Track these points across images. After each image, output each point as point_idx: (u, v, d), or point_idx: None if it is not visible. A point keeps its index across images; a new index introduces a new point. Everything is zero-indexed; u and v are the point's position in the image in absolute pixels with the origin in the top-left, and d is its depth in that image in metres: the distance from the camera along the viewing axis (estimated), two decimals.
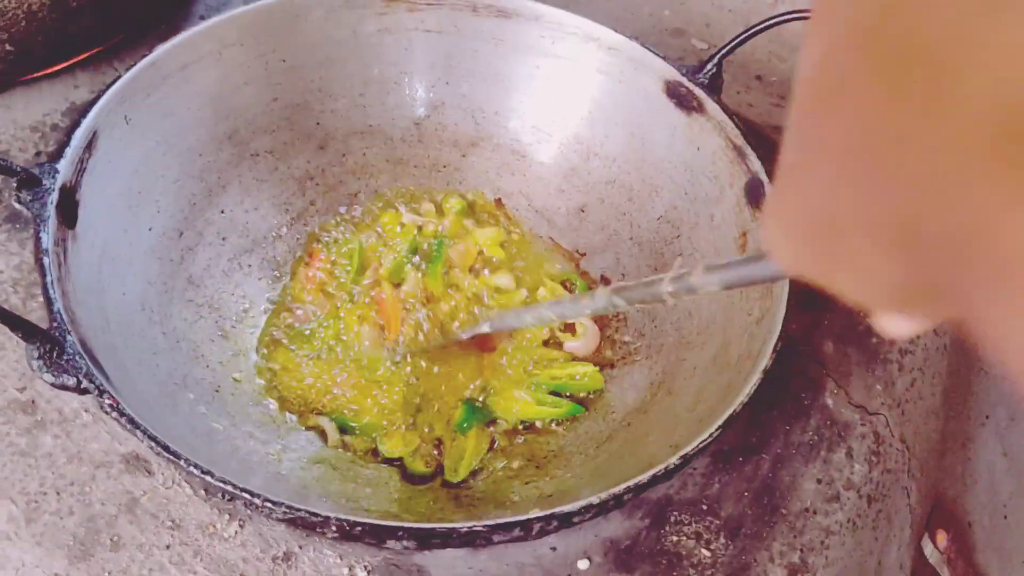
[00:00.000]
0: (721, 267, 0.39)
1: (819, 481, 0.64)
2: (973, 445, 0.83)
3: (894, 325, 0.27)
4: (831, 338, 0.71)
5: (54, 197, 0.56)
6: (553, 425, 0.67)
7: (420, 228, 0.76)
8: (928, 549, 0.80)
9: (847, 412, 0.67)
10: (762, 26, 0.68)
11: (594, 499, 0.49)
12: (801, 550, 0.60)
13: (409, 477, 0.64)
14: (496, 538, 0.49)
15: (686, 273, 0.42)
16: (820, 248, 0.25)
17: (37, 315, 0.64)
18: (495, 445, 0.66)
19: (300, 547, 0.57)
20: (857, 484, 0.64)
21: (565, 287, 0.75)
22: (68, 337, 0.50)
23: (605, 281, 0.75)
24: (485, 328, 0.65)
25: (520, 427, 0.67)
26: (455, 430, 0.66)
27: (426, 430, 0.66)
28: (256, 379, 0.67)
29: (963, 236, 0.20)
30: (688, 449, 0.51)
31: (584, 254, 0.76)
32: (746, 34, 0.69)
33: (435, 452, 0.65)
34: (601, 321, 0.73)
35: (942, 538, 0.81)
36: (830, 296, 0.26)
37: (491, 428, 0.67)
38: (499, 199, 0.79)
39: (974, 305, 0.20)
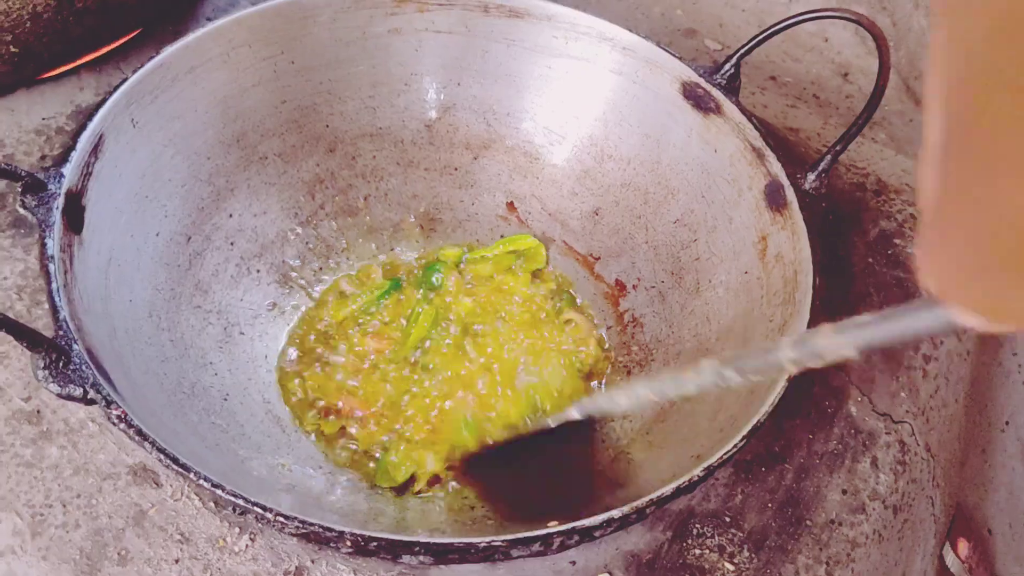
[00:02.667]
0: (857, 326, 0.34)
1: (844, 492, 0.62)
2: (993, 452, 0.82)
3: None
4: None
5: (60, 202, 0.55)
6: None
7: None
8: (949, 558, 0.79)
9: (871, 420, 0.66)
10: (781, 26, 0.67)
11: (616, 512, 0.48)
12: (827, 563, 0.59)
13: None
14: (515, 553, 0.48)
15: (809, 335, 0.38)
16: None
17: (43, 323, 0.63)
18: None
19: (312, 561, 0.55)
20: (883, 494, 0.63)
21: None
22: (74, 346, 0.49)
23: (620, 286, 0.73)
24: (574, 415, 0.60)
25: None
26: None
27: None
28: (270, 388, 0.66)
29: None
30: (712, 460, 0.50)
31: (598, 258, 0.75)
32: (765, 34, 0.68)
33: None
34: (618, 325, 0.71)
35: (963, 547, 0.80)
36: (854, 302, 0.24)
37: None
38: (511, 202, 0.78)
39: None
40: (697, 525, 0.59)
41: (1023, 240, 0.20)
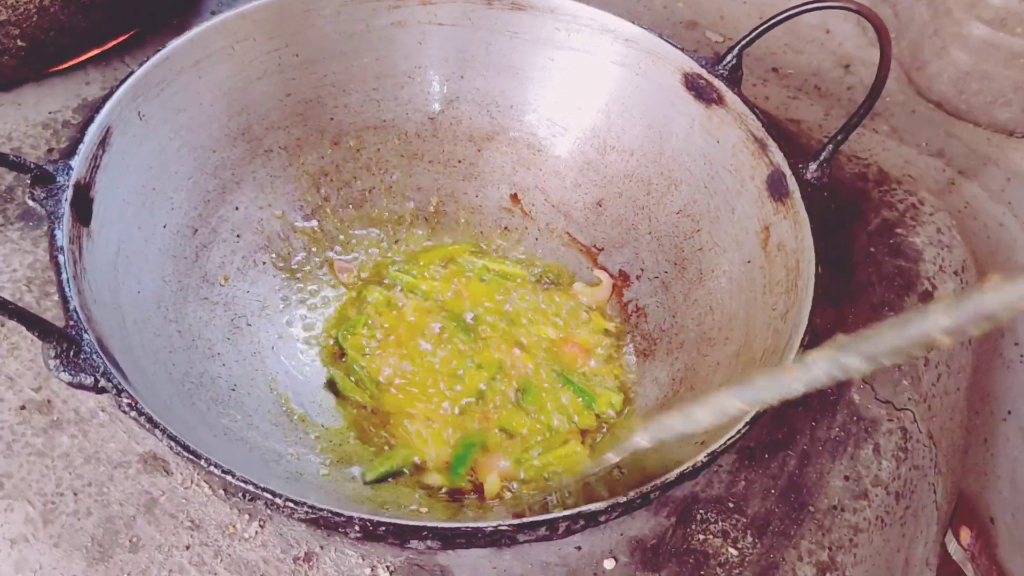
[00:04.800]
0: None
1: (847, 478, 0.63)
2: (995, 441, 0.82)
3: None
4: (856, 333, 0.70)
5: (68, 194, 0.55)
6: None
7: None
8: (952, 546, 0.79)
9: (874, 408, 0.66)
10: (782, 17, 0.67)
11: (621, 498, 0.48)
12: (830, 548, 0.59)
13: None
14: (521, 537, 0.48)
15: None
16: None
17: (52, 314, 0.64)
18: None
19: (321, 547, 0.56)
20: (885, 481, 0.63)
21: None
22: (85, 335, 0.50)
23: (623, 276, 0.74)
24: (643, 443, 0.53)
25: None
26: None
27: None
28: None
29: None
30: (716, 446, 0.50)
31: (602, 249, 0.75)
32: (766, 25, 0.68)
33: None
34: (622, 316, 0.72)
35: (965, 535, 0.80)
36: (855, 291, 0.24)
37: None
38: (515, 194, 0.78)
39: None
40: (701, 511, 0.60)
41: None
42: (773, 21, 0.69)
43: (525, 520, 0.47)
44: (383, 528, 0.46)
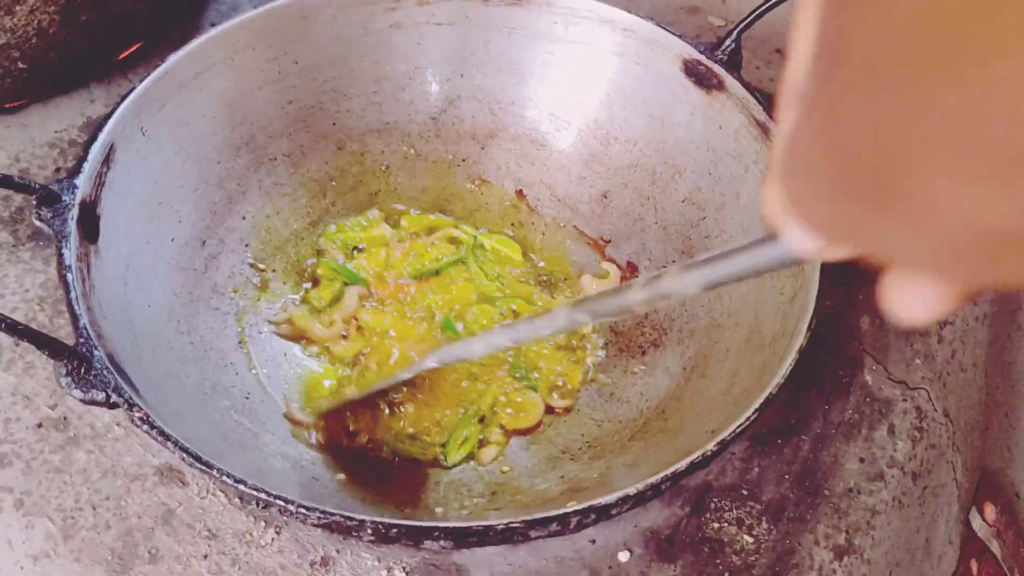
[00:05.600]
0: (700, 264, 0.34)
1: (862, 460, 0.62)
2: (1017, 415, 0.81)
3: (914, 305, 0.22)
4: (866, 313, 0.69)
5: (74, 212, 0.56)
6: (588, 415, 0.66)
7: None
8: (976, 522, 0.78)
9: (887, 388, 0.66)
10: None
11: (631, 490, 0.48)
12: (847, 531, 0.59)
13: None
14: (533, 533, 0.48)
15: (656, 277, 0.37)
16: (871, 195, 0.19)
17: (64, 332, 0.64)
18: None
19: (338, 551, 0.56)
20: (901, 461, 0.63)
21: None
22: (95, 352, 0.50)
23: (631, 267, 0.73)
24: (431, 363, 0.60)
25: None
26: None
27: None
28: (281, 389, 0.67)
29: None
30: (726, 434, 0.50)
31: (609, 241, 0.75)
32: (764, 7, 0.68)
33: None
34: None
35: (990, 511, 0.79)
36: (864, 270, 0.24)
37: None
38: (520, 190, 0.78)
39: None
40: (715, 499, 0.60)
41: (883, 158, 0.18)
42: (771, 2, 0.68)
43: (535, 516, 0.47)
44: (395, 530, 0.47)
